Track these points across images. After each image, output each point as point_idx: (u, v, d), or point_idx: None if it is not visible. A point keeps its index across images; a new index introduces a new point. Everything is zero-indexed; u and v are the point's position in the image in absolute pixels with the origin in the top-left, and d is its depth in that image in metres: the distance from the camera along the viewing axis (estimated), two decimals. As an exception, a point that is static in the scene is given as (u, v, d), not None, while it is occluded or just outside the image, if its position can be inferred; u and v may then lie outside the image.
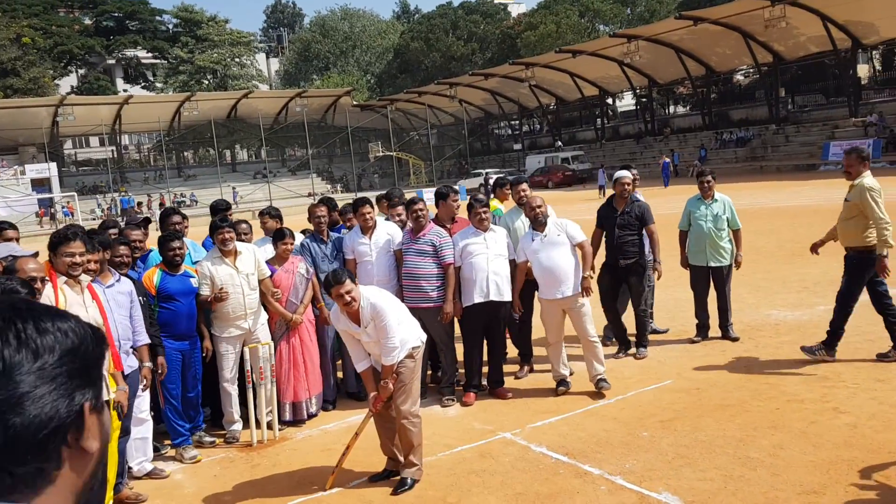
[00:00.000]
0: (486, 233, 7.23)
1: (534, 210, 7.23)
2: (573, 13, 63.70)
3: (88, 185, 56.84)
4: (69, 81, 75.98)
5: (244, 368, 6.64)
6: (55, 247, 4.84)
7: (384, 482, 5.56)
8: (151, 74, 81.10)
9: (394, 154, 61.31)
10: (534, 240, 7.21)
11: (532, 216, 7.26)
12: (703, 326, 8.58)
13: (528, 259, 7.25)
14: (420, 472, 5.48)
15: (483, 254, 7.11)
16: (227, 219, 6.96)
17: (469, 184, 46.48)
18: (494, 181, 9.09)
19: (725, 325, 8.50)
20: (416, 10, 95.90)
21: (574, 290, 7.09)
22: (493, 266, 7.12)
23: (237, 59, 78.42)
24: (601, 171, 37.39)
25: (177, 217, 7.62)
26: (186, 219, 7.80)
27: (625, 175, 8.39)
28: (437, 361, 7.67)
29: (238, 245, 6.76)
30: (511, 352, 8.06)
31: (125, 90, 72.65)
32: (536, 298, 7.61)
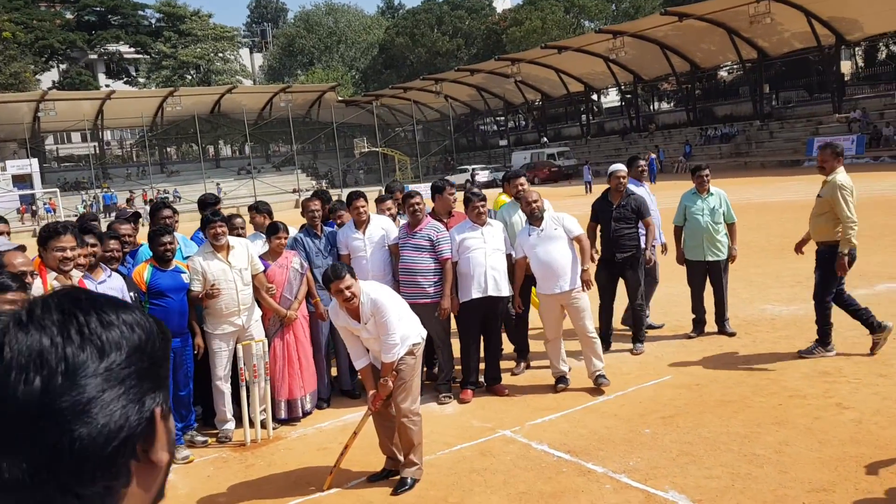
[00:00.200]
0: (484, 227, 7.11)
1: (530, 205, 7.11)
2: (558, 9, 63.66)
3: (70, 182, 56.17)
4: (51, 76, 75.03)
5: (237, 366, 6.50)
6: (45, 241, 4.69)
7: (383, 482, 5.44)
8: (134, 69, 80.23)
9: (379, 150, 61.03)
10: (531, 234, 7.09)
11: (528, 211, 7.14)
12: (700, 322, 8.52)
13: (526, 254, 7.14)
14: (420, 472, 5.37)
15: (481, 248, 6.99)
16: (219, 213, 6.81)
17: (455, 180, 46.28)
18: (504, 174, 8.96)
19: (722, 321, 8.44)
20: (401, 6, 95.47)
21: (572, 285, 6.99)
22: (491, 261, 7.00)
23: (221, 55, 77.72)
24: (587, 168, 37.39)
25: (167, 211, 7.45)
26: (177, 213, 7.63)
27: (620, 168, 8.32)
28: (433, 358, 7.54)
29: (231, 239, 6.60)
30: (507, 347, 7.96)
31: (107, 85, 71.84)
32: (533, 294, 7.51)
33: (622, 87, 55.20)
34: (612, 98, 64.37)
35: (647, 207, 8.26)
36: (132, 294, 5.72)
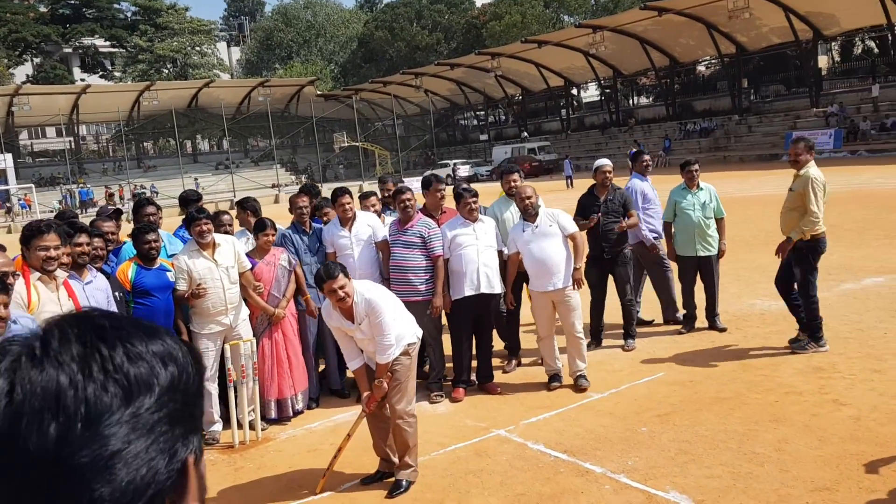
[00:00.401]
0: (475, 223, 7.00)
1: (524, 201, 7.00)
2: (538, 3, 63.63)
3: (46, 177, 55.48)
4: (24, 70, 73.97)
5: (224, 366, 6.35)
6: (28, 240, 4.51)
7: (377, 484, 5.33)
8: (110, 63, 79.22)
9: (359, 144, 60.65)
10: (525, 231, 6.98)
11: (523, 207, 7.02)
12: (691, 317, 8.48)
13: (520, 250, 7.03)
14: (416, 474, 5.25)
15: (473, 245, 6.88)
16: (204, 210, 6.63)
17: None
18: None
19: (713, 316, 8.40)
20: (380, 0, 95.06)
21: (565, 283, 6.89)
22: (484, 258, 6.89)
23: (198, 48, 76.95)
24: (567, 162, 37.39)
25: (151, 208, 7.27)
26: (160, 209, 7.45)
27: (605, 163, 8.25)
28: (424, 356, 7.42)
29: (217, 237, 6.43)
30: (497, 345, 7.86)
31: (83, 79, 70.86)
32: (525, 291, 7.41)
33: (602, 82, 55.25)
34: (592, 93, 64.48)
35: (632, 201, 8.25)
36: (117, 294, 5.55)
